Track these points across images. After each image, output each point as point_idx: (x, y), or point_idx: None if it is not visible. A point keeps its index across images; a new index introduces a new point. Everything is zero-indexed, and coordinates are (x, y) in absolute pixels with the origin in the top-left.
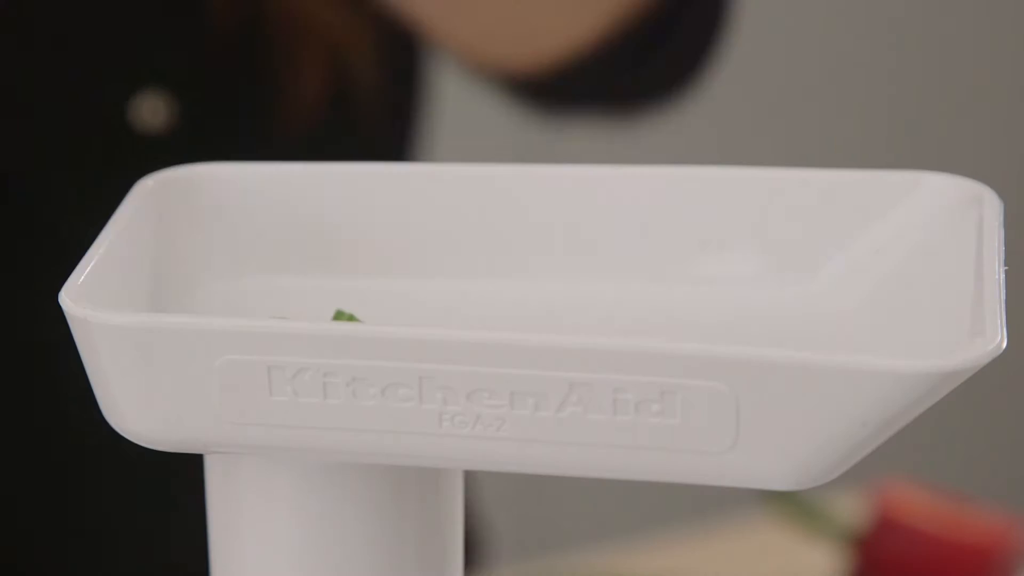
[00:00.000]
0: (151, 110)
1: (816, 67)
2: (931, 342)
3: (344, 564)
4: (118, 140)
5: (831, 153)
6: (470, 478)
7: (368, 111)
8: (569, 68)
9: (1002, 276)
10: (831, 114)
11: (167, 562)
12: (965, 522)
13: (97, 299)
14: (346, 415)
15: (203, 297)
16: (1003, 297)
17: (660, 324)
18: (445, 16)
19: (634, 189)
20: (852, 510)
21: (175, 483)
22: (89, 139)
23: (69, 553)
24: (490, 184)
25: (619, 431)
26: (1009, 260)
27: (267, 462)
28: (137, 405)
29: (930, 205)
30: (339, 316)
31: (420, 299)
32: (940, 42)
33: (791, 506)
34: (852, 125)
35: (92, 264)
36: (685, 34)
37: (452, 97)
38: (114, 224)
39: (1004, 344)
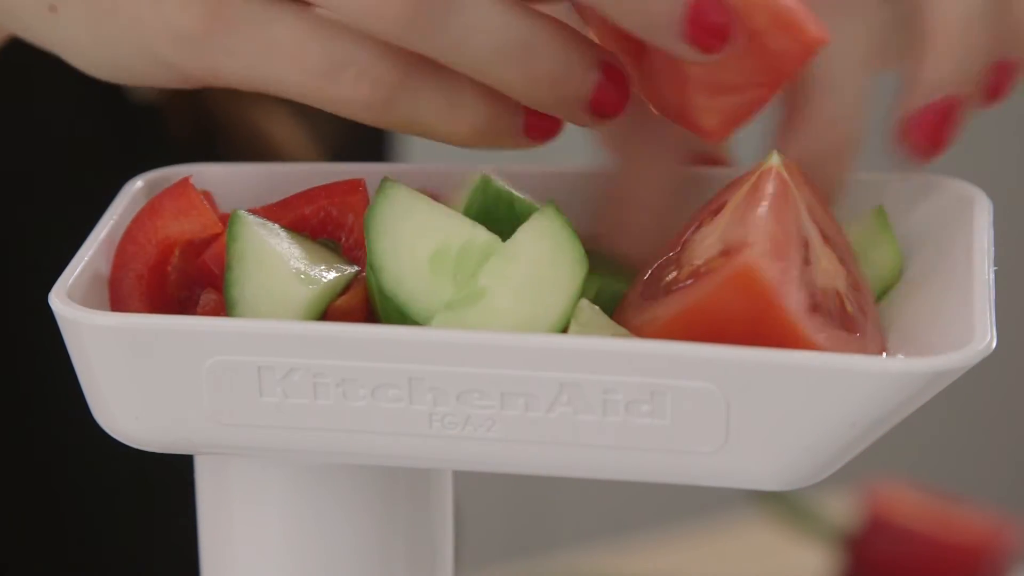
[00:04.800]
0: None
1: None
2: (921, 341)
3: (334, 564)
4: None
5: None
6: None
7: None
8: None
9: (992, 276)
10: None
11: (159, 563)
12: (955, 522)
13: (86, 300)
14: (336, 416)
15: None
16: (993, 297)
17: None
18: None
19: None
20: (843, 510)
21: (165, 484)
22: None
23: (59, 554)
24: None
25: (609, 431)
26: (999, 261)
27: (257, 463)
28: (127, 406)
29: (920, 206)
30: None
31: None
32: None
33: (782, 506)
34: None
35: (81, 265)
36: None
37: None
38: (103, 225)
39: (994, 344)
